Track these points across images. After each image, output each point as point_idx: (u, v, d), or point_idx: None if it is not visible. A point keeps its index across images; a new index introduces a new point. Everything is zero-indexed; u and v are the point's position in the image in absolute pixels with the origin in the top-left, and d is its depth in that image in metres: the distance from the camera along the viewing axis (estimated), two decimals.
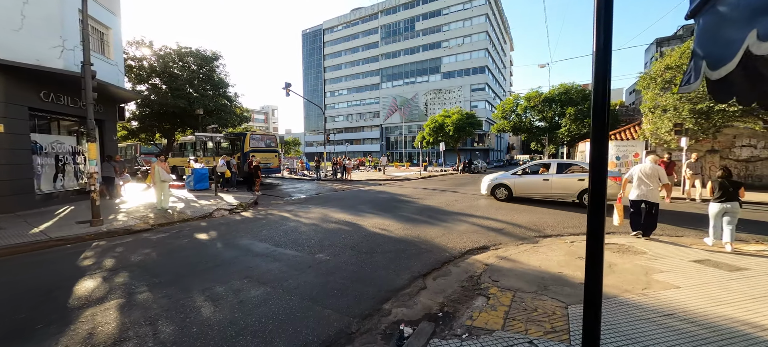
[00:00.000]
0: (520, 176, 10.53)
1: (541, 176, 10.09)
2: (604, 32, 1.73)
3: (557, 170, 9.94)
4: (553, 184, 9.80)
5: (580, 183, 9.41)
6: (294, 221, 7.71)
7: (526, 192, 10.30)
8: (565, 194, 9.73)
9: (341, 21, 77.75)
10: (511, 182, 10.52)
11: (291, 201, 11.46)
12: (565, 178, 9.69)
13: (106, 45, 12.15)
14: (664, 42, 51.84)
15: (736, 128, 14.48)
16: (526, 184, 10.30)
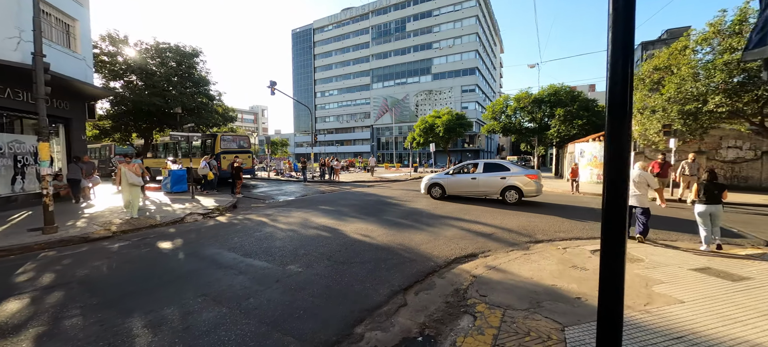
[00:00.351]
0: (452, 175, 11.12)
1: (470, 175, 10.74)
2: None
3: (484, 169, 10.62)
4: (480, 182, 10.49)
5: (502, 181, 10.13)
6: (271, 226, 7.18)
7: (457, 190, 10.90)
8: (489, 191, 10.37)
9: (332, 21, 77.06)
10: (445, 182, 11.16)
11: (272, 204, 10.89)
12: (490, 177, 10.34)
13: (73, 38, 11.35)
14: (649, 45, 53.06)
15: (723, 130, 14.59)
16: (457, 183, 10.91)
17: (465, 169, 11.28)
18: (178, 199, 11.66)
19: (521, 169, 10.40)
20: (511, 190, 9.96)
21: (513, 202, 9.95)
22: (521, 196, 9.88)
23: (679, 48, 13.30)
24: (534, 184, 9.85)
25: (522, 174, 10.02)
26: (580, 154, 18.92)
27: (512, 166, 10.50)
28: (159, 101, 13.63)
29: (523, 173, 10.08)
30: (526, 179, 9.88)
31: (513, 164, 10.65)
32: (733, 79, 11.11)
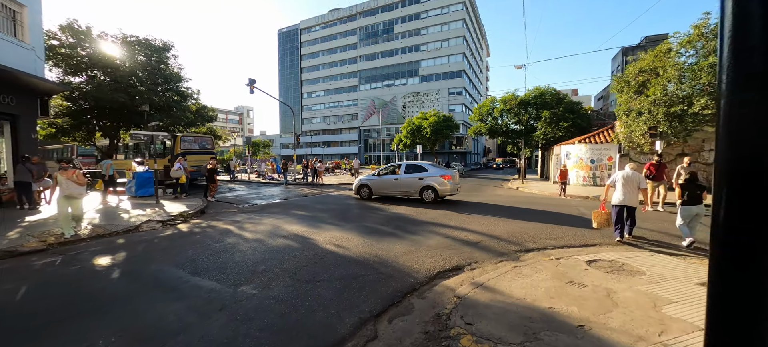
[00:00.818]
0: (378, 177, 11.59)
1: (394, 176, 11.23)
2: None
3: (405, 170, 11.11)
4: (401, 183, 10.97)
5: (420, 182, 10.59)
6: (235, 235, 6.41)
7: (383, 191, 11.37)
8: (410, 191, 10.83)
9: (319, 21, 76.02)
10: (371, 183, 11.61)
11: (246, 209, 10.06)
12: (410, 177, 10.81)
13: (20, 26, 10.22)
14: (629, 51, 54.69)
15: (705, 132, 14.68)
16: (382, 183, 11.37)
17: (391, 170, 11.64)
18: (142, 204, 10.65)
19: (438, 170, 10.83)
20: (428, 190, 10.42)
21: (429, 201, 10.39)
22: (437, 195, 10.33)
23: (664, 50, 13.27)
24: (448, 184, 10.37)
25: (437, 175, 10.49)
26: (566, 156, 18.82)
27: (431, 167, 10.92)
28: (122, 98, 12.48)
29: (438, 174, 10.56)
30: (441, 180, 10.37)
31: (432, 166, 11.07)
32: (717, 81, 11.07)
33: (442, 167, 11.49)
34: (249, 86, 18.23)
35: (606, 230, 6.83)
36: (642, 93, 14.02)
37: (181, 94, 16.19)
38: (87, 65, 13.54)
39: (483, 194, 14.47)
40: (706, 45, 11.65)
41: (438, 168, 10.95)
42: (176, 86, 15.70)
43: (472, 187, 18.27)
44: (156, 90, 14.88)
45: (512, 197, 13.28)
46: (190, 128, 27.30)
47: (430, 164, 11.35)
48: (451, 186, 10.43)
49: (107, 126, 14.43)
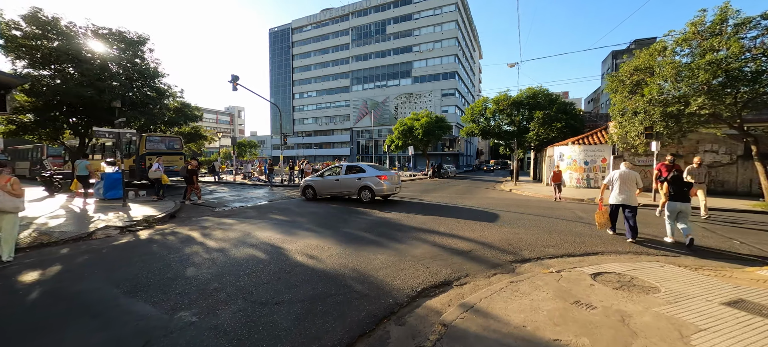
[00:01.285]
0: (322, 177, 11.82)
1: (335, 177, 11.43)
2: None
3: (345, 171, 11.33)
4: (341, 183, 11.18)
5: (358, 182, 10.78)
6: (197, 244, 5.68)
7: (325, 192, 11.53)
8: (349, 191, 11.03)
9: (311, 21, 75.15)
10: (315, 183, 11.78)
11: (221, 213, 9.29)
12: (349, 178, 11.02)
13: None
14: (619, 54, 55.31)
15: (700, 134, 14.46)
16: (324, 184, 11.57)
17: (334, 171, 11.79)
18: (107, 207, 9.78)
19: (376, 171, 10.96)
20: (365, 190, 10.61)
21: (367, 201, 10.58)
22: (373, 195, 10.50)
23: (659, 49, 12.97)
24: (384, 184, 10.52)
25: (374, 175, 10.68)
26: (559, 157, 18.47)
27: (369, 168, 11.07)
28: (89, 93, 11.52)
29: (375, 175, 10.72)
30: (377, 180, 10.54)
31: (371, 167, 11.20)
32: (716, 80, 10.76)
33: (383, 168, 11.67)
34: (232, 83, 17.45)
35: (607, 236, 6.35)
36: (637, 93, 13.70)
37: (158, 90, 15.24)
38: (55, 58, 12.55)
39: (475, 197, 13.94)
40: (702, 43, 11.36)
41: (376, 169, 11.06)
42: (152, 83, 14.74)
43: (464, 189, 17.76)
44: (130, 86, 13.94)
45: (505, 200, 12.78)
46: (173, 127, 26.26)
47: (370, 165, 11.46)
48: (387, 186, 10.61)
49: (76, 124, 13.43)
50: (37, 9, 11.99)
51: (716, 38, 11.08)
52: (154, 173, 12.03)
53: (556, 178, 12.82)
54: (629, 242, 5.88)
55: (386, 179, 10.57)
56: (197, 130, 28.18)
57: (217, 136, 29.73)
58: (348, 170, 11.28)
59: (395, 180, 11.20)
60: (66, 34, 12.74)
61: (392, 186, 10.87)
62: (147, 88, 15.02)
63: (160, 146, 15.55)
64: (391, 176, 10.96)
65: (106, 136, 9.43)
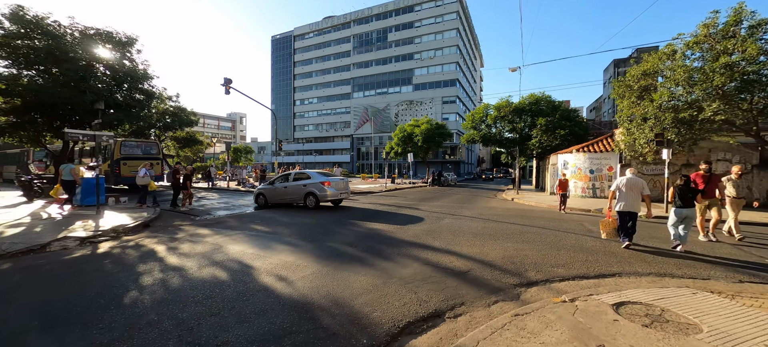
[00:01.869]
0: (272, 185, 11.98)
1: (284, 184, 11.69)
2: None
3: (293, 179, 11.66)
4: (289, 190, 11.47)
5: (304, 189, 11.10)
6: (156, 260, 4.99)
7: (275, 199, 11.73)
8: (296, 198, 11.30)
9: (313, 28, 75.49)
10: (266, 191, 11.94)
11: (200, 222, 8.62)
12: (296, 185, 11.36)
13: None
14: (621, 63, 54.98)
15: (712, 142, 13.75)
16: (275, 192, 11.76)
17: (284, 179, 12.02)
18: (80, 214, 9.14)
19: (321, 177, 11.29)
20: (310, 196, 10.93)
21: (312, 206, 10.85)
22: (318, 201, 10.76)
23: (668, 53, 12.36)
24: (327, 190, 10.86)
25: (318, 182, 11.02)
26: (563, 165, 17.76)
27: (315, 175, 11.44)
28: (67, 93, 10.98)
29: (318, 181, 11.05)
30: (320, 186, 10.86)
31: (317, 174, 11.57)
32: (731, 84, 10.11)
33: (330, 175, 12.14)
34: (224, 86, 16.97)
35: (622, 254, 5.62)
36: (645, 99, 13.06)
37: (147, 93, 14.72)
38: (39, 58, 12.05)
39: (475, 206, 13.22)
40: (717, 45, 10.74)
41: (321, 176, 11.43)
42: (140, 85, 14.23)
43: (464, 198, 17.04)
44: (117, 88, 13.43)
45: (507, 210, 12.05)
46: (168, 132, 25.82)
47: (317, 172, 11.84)
48: (331, 192, 10.97)
49: (59, 127, 12.89)
50: (19, 7, 11.54)
51: (730, 40, 10.47)
52: (141, 180, 11.44)
53: (561, 187, 11.75)
54: (624, 246, 5.93)
55: (330, 186, 10.96)
56: (192, 135, 27.73)
57: (212, 141, 29.19)
58: (296, 178, 11.66)
59: (340, 186, 11.55)
60: (51, 34, 12.27)
61: (336, 192, 11.24)
62: (135, 90, 14.50)
63: (135, 151, 15.40)
64: (335, 182, 11.34)
65: (80, 139, 8.82)
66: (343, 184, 11.70)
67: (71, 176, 10.96)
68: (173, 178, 11.86)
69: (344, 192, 11.72)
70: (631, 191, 6.04)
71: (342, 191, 11.56)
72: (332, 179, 11.30)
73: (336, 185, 11.22)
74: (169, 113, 23.57)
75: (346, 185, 11.99)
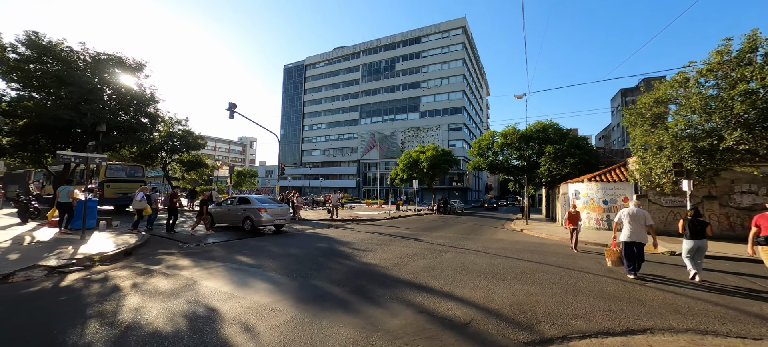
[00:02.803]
0: (219, 206, 12.80)
1: (227, 206, 12.55)
2: None
3: (237, 202, 12.36)
4: (231, 212, 12.27)
5: (243, 212, 11.78)
6: (112, 301, 4.45)
7: (220, 220, 12.52)
8: (236, 220, 11.99)
9: (324, 58, 78.40)
10: (213, 212, 12.67)
11: (185, 250, 8.11)
12: (236, 208, 12.09)
13: None
14: (628, 92, 54.82)
15: (734, 172, 12.91)
16: (219, 213, 12.57)
17: (230, 201, 12.79)
18: (63, 239, 8.76)
19: (259, 203, 11.87)
20: (247, 220, 11.49)
21: (249, 230, 11.33)
22: (253, 224, 11.21)
23: (680, 80, 11.91)
24: (263, 216, 11.33)
25: (255, 207, 11.54)
26: (574, 195, 16.93)
27: (255, 200, 12.12)
28: (68, 115, 11.03)
29: (256, 207, 11.61)
30: (256, 211, 11.33)
31: (256, 199, 12.30)
32: (752, 112, 9.50)
33: (270, 200, 12.90)
34: (229, 111, 17.09)
35: (652, 304, 4.85)
36: (658, 126, 12.48)
37: (151, 116, 14.86)
38: (50, 82, 12.30)
39: (481, 238, 12.43)
40: (734, 72, 10.26)
41: (260, 202, 11.99)
42: (146, 108, 14.40)
43: (470, 228, 16.22)
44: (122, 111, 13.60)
45: (516, 243, 11.23)
46: (174, 155, 26.05)
47: (257, 197, 12.62)
48: (266, 217, 11.40)
49: (61, 148, 12.92)
50: (34, 33, 11.95)
51: (747, 68, 9.98)
52: (137, 203, 11.17)
53: (572, 220, 10.03)
54: (631, 278, 6.11)
55: (265, 212, 11.43)
56: (198, 158, 27.93)
57: (217, 164, 29.32)
58: (239, 202, 12.33)
59: (277, 213, 11.97)
60: (63, 59, 12.60)
61: (272, 218, 11.68)
62: (140, 114, 14.64)
63: (120, 174, 16.03)
64: (272, 208, 11.81)
65: (72, 160, 8.63)
66: (279, 210, 12.13)
67: (68, 198, 10.75)
68: (170, 202, 11.56)
69: (281, 218, 12.14)
70: (634, 222, 6.26)
71: (278, 217, 11.97)
72: (269, 206, 11.82)
73: (272, 211, 11.68)
74: (176, 136, 23.85)
75: (284, 211, 12.49)
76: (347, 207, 31.65)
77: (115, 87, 13.70)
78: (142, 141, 14.52)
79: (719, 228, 13.08)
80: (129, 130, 13.45)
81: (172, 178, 27.74)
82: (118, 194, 16.50)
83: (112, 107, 13.27)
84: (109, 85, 13.64)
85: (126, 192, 16.63)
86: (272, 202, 12.64)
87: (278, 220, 11.99)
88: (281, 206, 12.63)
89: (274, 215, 11.70)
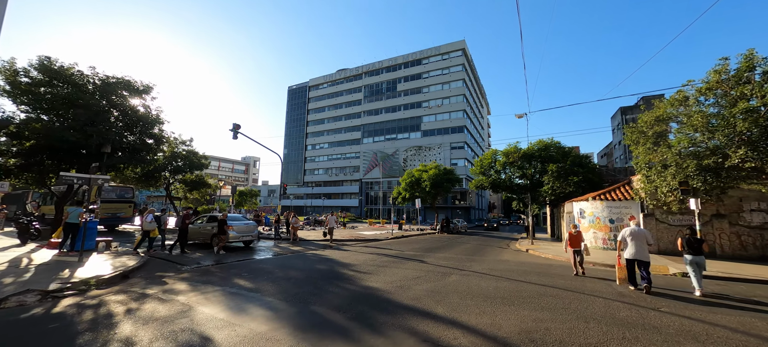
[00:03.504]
0: (192, 224, 12.89)
1: (198, 225, 13.20)
2: None
3: (207, 220, 13.22)
4: (200, 230, 13.00)
5: (210, 230, 12.51)
6: (105, 327, 4.29)
7: (192, 237, 12.89)
8: (205, 237, 12.72)
9: (327, 79, 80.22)
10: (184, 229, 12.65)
11: (183, 272, 7.94)
12: (206, 226, 12.95)
13: None
14: (628, 110, 55.19)
15: (741, 190, 12.70)
16: (191, 230, 12.70)
17: (201, 219, 13.67)
18: (61, 262, 8.64)
19: (227, 221, 12.34)
20: (214, 237, 11.98)
21: (215, 246, 11.53)
22: (219, 241, 11.52)
23: (680, 99, 11.98)
24: (229, 233, 12.02)
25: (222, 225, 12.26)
26: (579, 214, 16.67)
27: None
28: (74, 137, 11.17)
29: (247, 223, 13.34)
30: (224, 229, 11.81)
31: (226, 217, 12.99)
32: (755, 130, 9.45)
33: (238, 219, 13.84)
34: (233, 132, 17.32)
35: (667, 329, 4.61)
36: (661, 144, 12.43)
37: (156, 137, 15.04)
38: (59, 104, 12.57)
39: (486, 259, 12.15)
40: (730, 92, 10.32)
41: (229, 220, 12.62)
42: (151, 130, 14.60)
43: (474, 248, 15.90)
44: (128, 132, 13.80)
45: (522, 265, 10.94)
46: (177, 175, 26.18)
47: (234, 216, 13.79)
48: (233, 235, 12.33)
49: (65, 169, 13.01)
50: (47, 57, 12.32)
51: (746, 86, 10.05)
52: (148, 225, 11.17)
53: (573, 242, 8.93)
54: (644, 293, 6.58)
55: (232, 229, 12.31)
56: (201, 178, 28.04)
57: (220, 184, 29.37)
58: (208, 220, 13.14)
59: (243, 230, 13.02)
60: (73, 83, 12.91)
61: (238, 235, 12.71)
62: (145, 135, 14.83)
63: (110, 195, 16.64)
64: (238, 226, 12.85)
65: (74, 182, 8.65)
66: (245, 228, 13.16)
67: (77, 220, 10.74)
68: (183, 223, 11.69)
69: (248, 234, 13.15)
70: (636, 240, 6.92)
71: (244, 234, 13.00)
72: (236, 223, 12.87)
73: (238, 229, 12.77)
74: (180, 156, 24.06)
75: (251, 228, 13.44)
76: (349, 227, 31.33)
77: (122, 109, 13.95)
78: (146, 162, 14.64)
79: (731, 248, 12.71)
80: (134, 151, 13.58)
81: (174, 198, 27.75)
82: (108, 214, 17.27)
83: (118, 129, 13.45)
84: (117, 107, 13.90)
85: (115, 212, 17.32)
86: (240, 220, 13.74)
87: (245, 237, 13.01)
88: (248, 223, 13.62)
89: (240, 232, 12.79)
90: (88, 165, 13.18)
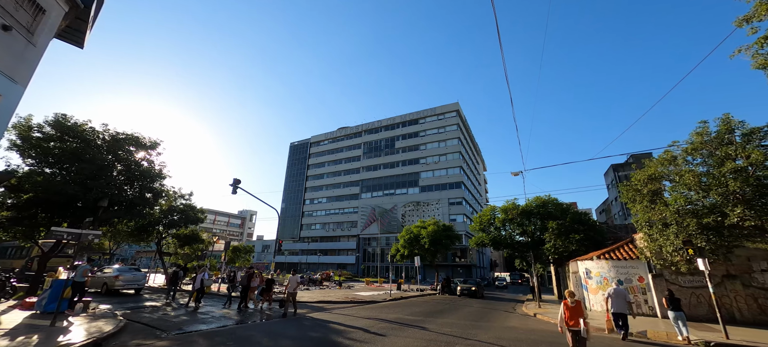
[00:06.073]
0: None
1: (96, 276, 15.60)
2: None
3: (102, 272, 15.95)
4: (99, 279, 15.73)
5: (101, 278, 15.67)
6: None
7: (94, 286, 15.22)
8: (98, 285, 15.59)
9: (328, 136, 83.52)
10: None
11: (165, 339, 7.27)
12: (100, 275, 15.91)
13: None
14: (619, 168, 56.68)
15: (748, 249, 12.44)
16: (94, 280, 15.02)
17: (136, 268, 17.40)
18: (31, 325, 7.96)
19: (116, 271, 16.19)
20: (104, 285, 15.01)
21: (104, 293, 15.09)
22: (108, 288, 15.16)
23: (668, 158, 12.40)
24: (117, 282, 15.43)
25: (112, 276, 15.77)
26: (586, 274, 16.04)
27: (114, 270, 16.55)
28: (73, 190, 11.16)
29: (113, 275, 15.87)
30: (111, 279, 15.51)
31: (117, 269, 16.68)
32: (748, 188, 9.61)
33: (127, 270, 17.04)
34: (233, 186, 17.42)
35: None
36: (657, 202, 12.51)
37: (155, 191, 15.06)
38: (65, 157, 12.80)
39: (492, 325, 11.32)
40: (714, 152, 10.74)
41: (117, 271, 16.28)
42: (152, 184, 14.70)
43: (478, 312, 14.90)
44: (128, 186, 13.88)
45: (531, 333, 10.16)
46: (171, 230, 25.59)
47: (117, 267, 17.11)
48: (119, 284, 15.52)
49: (58, 223, 12.75)
50: (63, 115, 12.88)
51: (729, 147, 10.50)
52: (205, 282, 10.92)
53: (572, 316, 6.28)
54: (622, 338, 9.03)
55: (119, 279, 15.57)
56: (195, 233, 27.36)
57: (213, 239, 28.56)
58: (103, 271, 16.27)
59: (129, 278, 16.09)
60: (84, 138, 13.32)
61: (124, 283, 15.70)
62: (146, 189, 14.88)
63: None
64: (125, 276, 15.98)
65: (64, 237, 8.41)
66: (132, 277, 16.24)
67: (83, 278, 10.23)
68: (247, 281, 12.88)
69: (137, 283, 16.40)
70: (617, 298, 9.57)
71: (129, 282, 15.99)
72: (123, 273, 16.05)
73: (125, 278, 15.83)
74: (177, 210, 23.80)
75: (138, 277, 16.65)
76: (345, 286, 29.71)
77: (126, 163, 14.21)
78: (141, 216, 14.44)
79: (750, 312, 12.00)
80: (131, 205, 13.47)
81: (164, 253, 26.74)
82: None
83: (119, 183, 13.54)
84: (122, 161, 14.17)
85: None
86: (128, 271, 16.74)
87: (133, 285, 16.23)
88: (135, 274, 16.82)
89: (126, 280, 15.86)
90: (82, 218, 12.97)
